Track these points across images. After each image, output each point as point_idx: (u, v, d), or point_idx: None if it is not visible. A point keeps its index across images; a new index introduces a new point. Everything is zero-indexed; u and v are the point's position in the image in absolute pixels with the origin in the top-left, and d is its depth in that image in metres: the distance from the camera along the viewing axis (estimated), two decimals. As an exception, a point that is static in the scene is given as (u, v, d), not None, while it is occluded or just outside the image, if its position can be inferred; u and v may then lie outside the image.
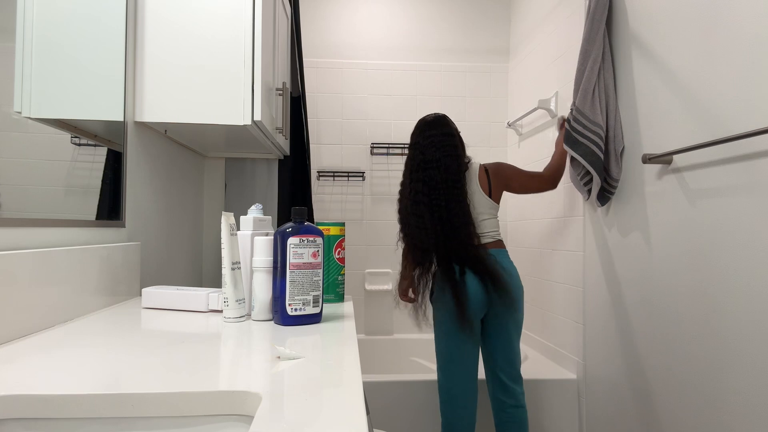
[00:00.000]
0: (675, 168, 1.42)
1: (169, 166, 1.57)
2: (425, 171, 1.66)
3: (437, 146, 1.68)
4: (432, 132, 1.70)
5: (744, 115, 1.18)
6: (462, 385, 1.67)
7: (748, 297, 1.16)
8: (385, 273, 2.79)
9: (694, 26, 1.35)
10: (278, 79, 1.67)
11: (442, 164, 1.65)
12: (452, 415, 1.68)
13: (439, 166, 1.65)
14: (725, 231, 1.23)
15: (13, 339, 0.78)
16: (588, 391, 1.93)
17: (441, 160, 1.66)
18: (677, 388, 1.41)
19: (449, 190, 1.64)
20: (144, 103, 1.31)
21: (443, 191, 1.63)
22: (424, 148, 1.69)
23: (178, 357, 0.67)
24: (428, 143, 1.69)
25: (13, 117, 0.83)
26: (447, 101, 2.84)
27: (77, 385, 0.56)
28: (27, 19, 0.86)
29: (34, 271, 0.84)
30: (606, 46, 1.72)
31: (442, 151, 1.67)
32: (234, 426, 0.55)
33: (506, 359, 1.69)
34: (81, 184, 1.05)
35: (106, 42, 1.15)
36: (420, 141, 1.71)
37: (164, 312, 1.02)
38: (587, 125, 1.69)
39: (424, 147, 1.69)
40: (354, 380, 0.58)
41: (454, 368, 1.67)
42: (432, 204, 1.64)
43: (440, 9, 2.85)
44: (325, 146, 2.79)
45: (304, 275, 0.88)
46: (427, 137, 1.70)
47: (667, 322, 1.45)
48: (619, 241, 1.70)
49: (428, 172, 1.66)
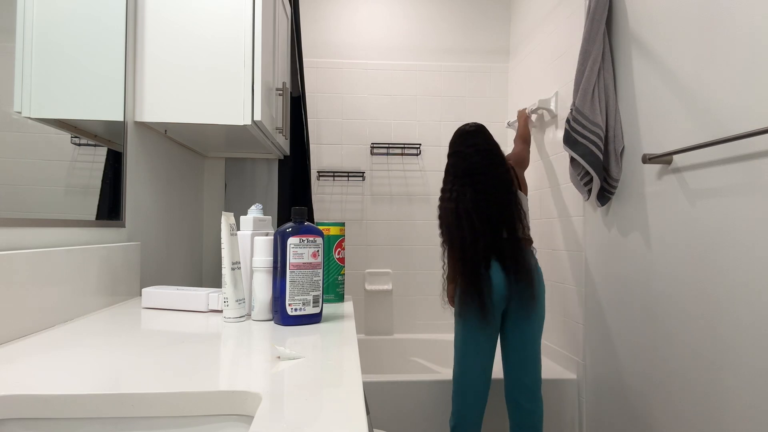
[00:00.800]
0: (675, 168, 1.42)
1: (169, 166, 1.57)
2: (472, 176, 1.70)
3: (482, 154, 1.72)
4: (474, 140, 1.75)
5: (744, 115, 1.18)
6: (474, 378, 1.70)
7: (748, 297, 1.16)
8: (385, 273, 2.79)
9: (694, 26, 1.35)
10: (278, 79, 1.67)
11: (491, 171, 1.70)
12: (462, 405, 1.72)
13: (486, 172, 1.69)
14: (725, 231, 1.23)
15: (13, 339, 0.78)
16: (588, 391, 1.93)
17: (489, 167, 1.70)
18: (677, 388, 1.41)
19: (501, 195, 1.69)
20: (144, 103, 1.31)
21: (493, 196, 1.68)
22: (468, 156, 1.72)
23: (178, 357, 0.67)
24: (472, 151, 1.73)
25: (13, 117, 0.83)
26: (447, 101, 2.84)
27: (77, 385, 0.56)
28: (27, 19, 0.86)
29: (34, 271, 0.84)
30: (606, 46, 1.72)
31: (488, 158, 1.72)
32: (234, 426, 0.55)
33: (523, 361, 1.70)
34: (81, 184, 1.05)
35: (106, 42, 1.15)
36: (462, 149, 1.75)
37: (164, 312, 1.02)
38: (587, 125, 1.69)
39: (467, 155, 1.73)
40: (354, 380, 0.58)
41: (469, 361, 1.70)
42: (479, 208, 1.67)
43: (440, 9, 2.85)
44: (325, 146, 2.79)
45: (304, 275, 0.88)
46: (470, 145, 1.74)
47: (667, 322, 1.45)
48: (619, 241, 1.70)
49: (476, 177, 1.69)
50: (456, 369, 1.74)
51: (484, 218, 1.66)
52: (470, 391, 1.70)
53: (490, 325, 1.67)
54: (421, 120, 2.83)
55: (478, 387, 1.71)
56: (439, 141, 2.83)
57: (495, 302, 1.66)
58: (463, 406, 1.71)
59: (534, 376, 1.71)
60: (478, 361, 1.70)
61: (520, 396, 1.71)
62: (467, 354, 1.70)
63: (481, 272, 1.65)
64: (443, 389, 1.98)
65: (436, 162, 2.83)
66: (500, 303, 1.68)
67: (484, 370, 1.71)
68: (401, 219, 2.81)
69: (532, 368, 1.71)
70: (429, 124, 2.83)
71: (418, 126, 2.83)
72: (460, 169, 1.73)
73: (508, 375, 1.74)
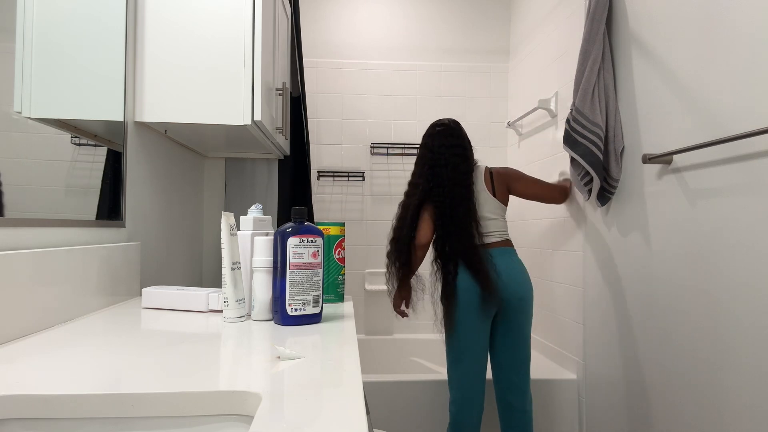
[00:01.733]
0: (675, 168, 1.42)
1: (169, 166, 1.57)
2: (433, 169, 1.72)
3: (447, 146, 1.74)
4: (442, 133, 1.76)
5: (744, 115, 1.18)
6: (471, 380, 1.68)
7: (748, 297, 1.16)
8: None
9: (694, 26, 1.35)
10: (278, 79, 1.67)
11: (450, 164, 1.71)
12: (460, 414, 1.69)
13: (447, 164, 1.71)
14: (725, 231, 1.23)
15: (13, 339, 0.78)
16: (588, 391, 1.93)
17: (449, 159, 1.72)
18: (677, 388, 1.41)
19: (455, 188, 1.68)
20: (144, 103, 1.31)
21: (449, 189, 1.68)
22: (434, 148, 1.75)
23: (178, 357, 0.67)
24: (438, 143, 1.75)
25: (13, 117, 0.83)
26: (447, 101, 2.84)
27: (77, 385, 0.56)
28: (27, 19, 0.86)
29: (35, 271, 0.84)
30: (606, 46, 1.72)
31: (451, 151, 1.73)
32: (234, 426, 0.55)
33: (512, 361, 1.70)
34: (81, 184, 1.05)
35: (106, 42, 1.15)
36: (429, 142, 1.78)
37: (164, 312, 1.02)
38: (587, 125, 1.69)
39: (433, 147, 1.75)
40: (354, 380, 0.58)
41: (466, 361, 1.68)
42: (437, 202, 1.68)
43: (440, 9, 2.85)
44: (325, 146, 2.79)
45: (304, 275, 0.88)
46: (437, 137, 1.76)
47: (667, 322, 1.45)
48: (619, 241, 1.70)
49: (436, 170, 1.72)
50: (452, 373, 1.72)
51: (440, 215, 1.70)
52: (468, 394, 1.69)
53: (490, 309, 1.66)
54: (421, 120, 2.83)
55: (475, 389, 1.69)
56: (439, 141, 2.83)
57: (465, 307, 1.67)
58: (461, 414, 1.69)
59: (525, 376, 1.71)
60: (473, 361, 1.68)
61: (513, 397, 1.70)
62: (464, 351, 1.68)
63: (449, 278, 1.66)
64: (443, 389, 1.98)
65: (436, 162, 2.83)
66: (475, 307, 1.67)
67: (480, 369, 1.70)
68: (401, 219, 2.81)
69: (523, 368, 1.71)
70: (429, 124, 2.83)
71: (418, 126, 2.83)
72: (425, 161, 1.76)
73: (499, 377, 1.73)
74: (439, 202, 1.69)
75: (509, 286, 1.68)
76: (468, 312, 1.67)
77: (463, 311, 1.67)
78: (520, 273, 1.71)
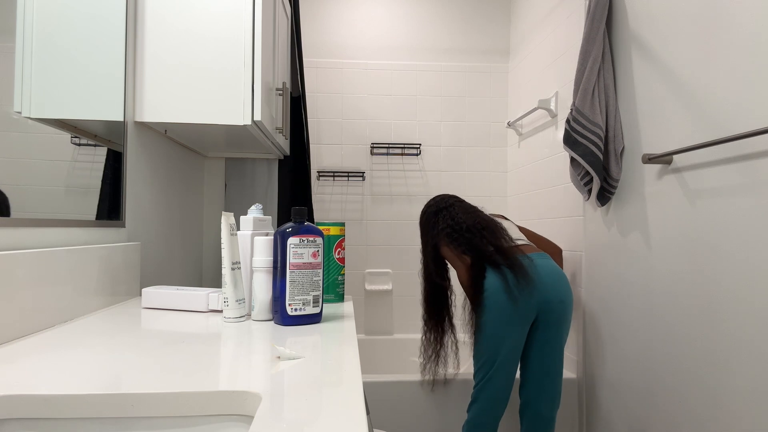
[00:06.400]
0: (675, 168, 1.42)
1: (169, 166, 1.57)
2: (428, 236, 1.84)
3: (433, 222, 1.85)
4: (429, 216, 1.87)
5: (744, 115, 1.18)
6: (501, 384, 1.62)
7: (748, 297, 1.16)
8: (385, 273, 2.79)
9: (694, 26, 1.35)
10: (278, 79, 1.67)
11: (441, 222, 1.80)
12: (484, 415, 1.64)
13: (436, 225, 1.81)
14: (725, 231, 1.23)
15: (13, 339, 0.78)
16: (588, 391, 1.93)
17: (440, 222, 1.82)
18: (677, 388, 1.41)
19: (457, 217, 1.78)
20: (144, 103, 1.31)
21: (450, 223, 1.77)
22: (427, 226, 1.86)
23: (178, 357, 0.67)
24: (432, 221, 1.84)
25: (13, 117, 0.83)
26: (447, 101, 2.84)
27: (77, 385, 0.56)
28: (27, 19, 0.86)
29: (35, 271, 0.84)
30: (606, 46, 1.72)
31: (436, 218, 1.83)
32: (234, 426, 0.55)
33: (547, 369, 1.65)
34: (81, 184, 1.05)
35: (106, 42, 1.15)
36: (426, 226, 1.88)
37: (164, 312, 1.02)
38: (587, 125, 1.69)
39: (426, 225, 1.87)
40: (354, 380, 0.58)
41: (497, 364, 1.60)
42: (446, 234, 1.76)
43: (440, 9, 2.85)
44: (325, 146, 2.79)
45: (304, 275, 0.88)
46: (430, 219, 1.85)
47: (666, 322, 1.45)
48: (619, 241, 1.70)
49: (432, 233, 1.82)
50: (481, 379, 1.64)
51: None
52: (497, 401, 1.62)
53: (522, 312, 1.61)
54: (421, 120, 2.83)
55: (504, 397, 1.63)
56: (439, 141, 2.83)
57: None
58: (484, 417, 1.63)
59: (559, 385, 1.66)
60: (507, 366, 1.61)
61: (543, 405, 1.65)
62: (498, 353, 1.59)
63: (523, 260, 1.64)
64: (443, 389, 1.98)
65: (436, 162, 2.83)
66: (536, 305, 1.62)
67: (510, 376, 1.63)
68: (401, 219, 2.81)
69: (558, 378, 1.66)
70: (429, 124, 2.83)
71: (418, 126, 2.83)
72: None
73: (530, 383, 1.67)
74: (447, 234, 1.73)
75: (551, 288, 1.61)
76: (501, 312, 1.59)
77: (494, 312, 1.59)
78: (562, 276, 1.65)
